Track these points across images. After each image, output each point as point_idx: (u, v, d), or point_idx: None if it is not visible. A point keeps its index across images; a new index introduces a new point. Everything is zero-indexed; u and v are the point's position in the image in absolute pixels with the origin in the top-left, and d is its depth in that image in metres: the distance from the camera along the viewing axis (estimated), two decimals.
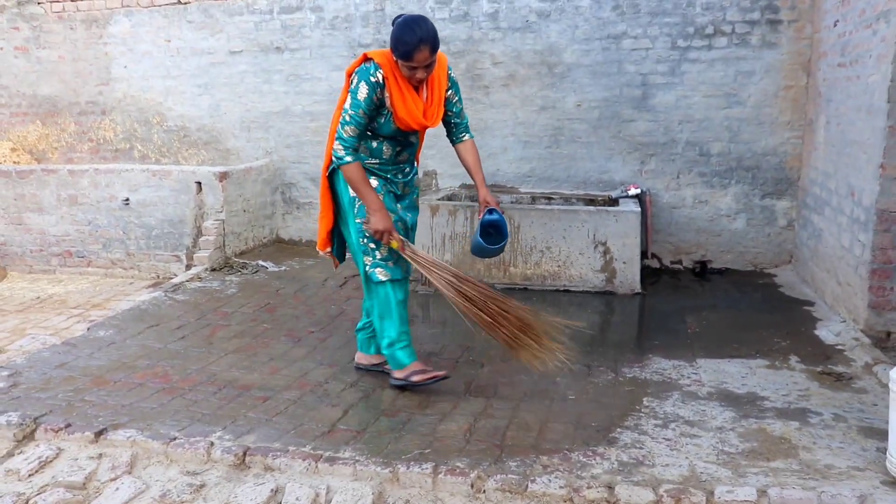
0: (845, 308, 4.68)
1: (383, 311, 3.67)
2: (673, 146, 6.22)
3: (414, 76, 3.42)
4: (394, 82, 3.44)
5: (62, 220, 6.83)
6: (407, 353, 3.69)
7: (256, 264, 6.41)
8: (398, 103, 3.46)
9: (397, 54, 3.37)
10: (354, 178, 3.47)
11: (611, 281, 5.49)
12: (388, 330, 3.67)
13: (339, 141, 3.46)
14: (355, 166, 3.47)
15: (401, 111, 3.47)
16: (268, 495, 2.84)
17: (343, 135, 3.45)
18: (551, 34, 6.32)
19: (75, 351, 4.30)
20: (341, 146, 3.46)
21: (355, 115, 3.44)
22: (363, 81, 3.42)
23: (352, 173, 3.47)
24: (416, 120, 3.52)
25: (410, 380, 3.63)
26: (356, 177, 3.47)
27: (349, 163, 3.46)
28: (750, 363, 4.06)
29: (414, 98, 3.50)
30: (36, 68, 7.81)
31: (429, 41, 3.32)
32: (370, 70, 3.43)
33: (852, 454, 2.99)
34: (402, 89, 3.46)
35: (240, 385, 3.80)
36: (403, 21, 3.38)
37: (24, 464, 3.10)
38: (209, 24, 7.19)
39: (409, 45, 3.30)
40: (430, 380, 3.62)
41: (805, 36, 5.81)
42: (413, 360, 3.69)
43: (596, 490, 2.73)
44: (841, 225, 4.85)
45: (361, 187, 3.48)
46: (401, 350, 3.67)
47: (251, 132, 7.28)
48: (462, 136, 3.82)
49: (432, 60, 3.40)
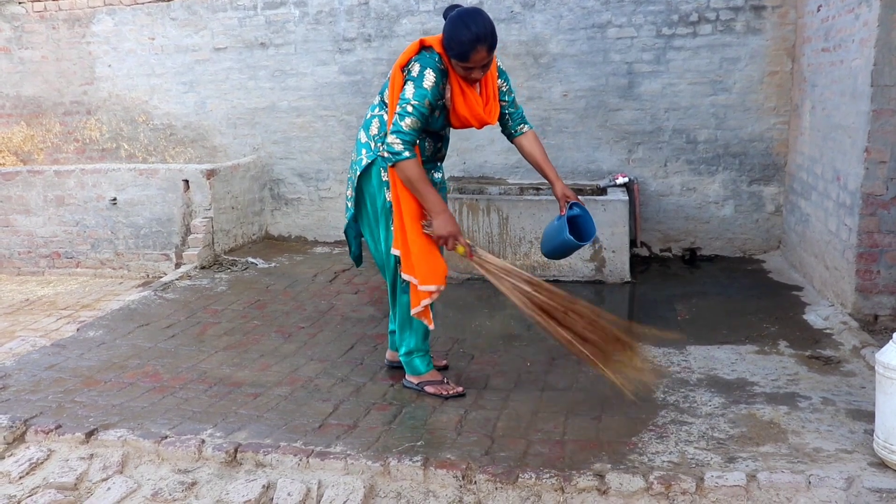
0: (833, 292, 4.71)
1: (405, 321, 3.54)
2: (660, 134, 6.23)
3: (469, 76, 3.16)
4: (454, 76, 3.18)
5: (49, 221, 6.80)
6: (425, 362, 3.60)
7: (246, 261, 6.40)
8: (458, 100, 3.21)
9: (451, 53, 3.11)
10: (414, 176, 3.11)
11: (600, 270, 5.51)
12: (408, 339, 3.57)
13: (398, 135, 3.09)
14: (415, 163, 3.11)
15: (461, 109, 3.23)
16: (259, 491, 2.85)
17: (402, 127, 3.09)
18: (536, 24, 6.32)
19: (65, 352, 4.29)
20: (399, 140, 3.09)
21: (419, 106, 3.10)
22: (430, 69, 3.11)
23: (411, 171, 3.10)
24: (478, 117, 3.27)
25: (424, 388, 3.56)
26: (416, 175, 3.11)
27: (408, 158, 3.10)
28: (739, 349, 4.08)
29: (475, 94, 3.24)
30: (19, 69, 7.75)
31: (486, 40, 3.05)
32: (435, 58, 3.14)
33: (840, 437, 3.02)
34: (462, 85, 3.20)
35: (230, 382, 3.80)
36: (458, 16, 3.10)
37: (14, 466, 3.10)
38: (193, 21, 7.15)
39: (465, 44, 3.04)
40: (443, 394, 3.51)
41: (789, 21, 5.82)
42: (430, 369, 3.61)
43: (586, 478, 2.74)
44: (827, 209, 4.87)
45: (422, 186, 3.13)
46: (419, 359, 3.59)
47: (237, 129, 7.26)
48: (521, 129, 3.52)
49: (490, 59, 3.13)
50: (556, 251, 3.44)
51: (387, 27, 6.64)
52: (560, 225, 3.33)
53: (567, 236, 3.27)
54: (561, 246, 3.37)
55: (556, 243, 3.38)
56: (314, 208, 7.17)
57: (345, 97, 6.82)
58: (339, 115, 6.89)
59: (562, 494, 2.73)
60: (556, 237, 3.36)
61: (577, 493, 2.72)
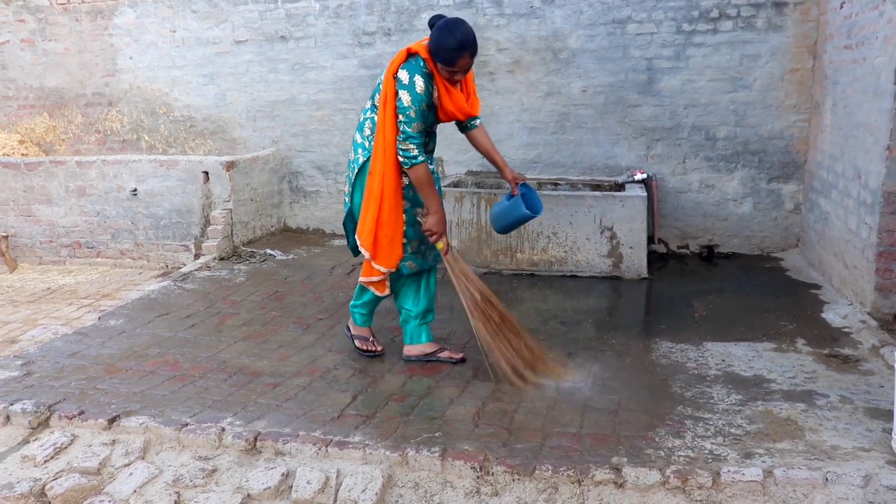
0: (852, 291, 4.68)
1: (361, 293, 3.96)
2: (679, 131, 6.22)
3: (453, 79, 3.51)
4: (439, 77, 3.51)
5: (71, 211, 6.88)
6: (363, 319, 4.04)
7: (264, 253, 6.44)
8: (445, 98, 3.53)
9: (438, 59, 3.43)
10: (425, 179, 3.53)
11: (617, 266, 5.51)
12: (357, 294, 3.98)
13: (410, 140, 3.47)
14: (426, 166, 3.54)
15: (448, 104, 3.55)
16: (279, 479, 2.88)
17: (412, 132, 3.47)
18: (556, 19, 6.31)
19: (87, 340, 4.35)
20: (413, 145, 3.48)
21: (419, 110, 3.46)
22: (417, 75, 3.44)
23: (421, 174, 3.52)
24: (463, 110, 3.61)
25: (353, 340, 4.07)
26: (426, 177, 3.53)
27: (422, 162, 3.51)
28: (757, 346, 4.08)
29: (458, 91, 3.59)
30: (42, 60, 7.84)
31: (470, 47, 3.40)
32: (420, 63, 3.47)
33: (858, 435, 3.01)
34: (446, 84, 3.53)
35: (250, 372, 3.84)
36: (445, 25, 3.42)
37: (39, 450, 3.15)
38: (214, 14, 7.20)
39: (452, 51, 3.38)
40: (368, 351, 4.01)
41: (811, 18, 5.78)
42: (366, 326, 4.07)
43: (603, 471, 2.76)
44: (848, 208, 4.84)
45: (429, 188, 3.55)
46: (359, 315, 4.03)
47: (257, 121, 7.30)
48: (474, 122, 3.84)
49: (471, 64, 3.49)
50: (512, 226, 3.90)
51: (406, 21, 6.66)
52: (515, 202, 3.78)
53: (524, 210, 3.72)
54: (518, 220, 3.83)
55: (513, 218, 3.82)
56: (332, 201, 7.21)
57: (364, 91, 6.84)
58: (358, 108, 6.90)
59: (578, 487, 2.75)
60: (513, 213, 3.79)
61: (593, 486, 2.74)
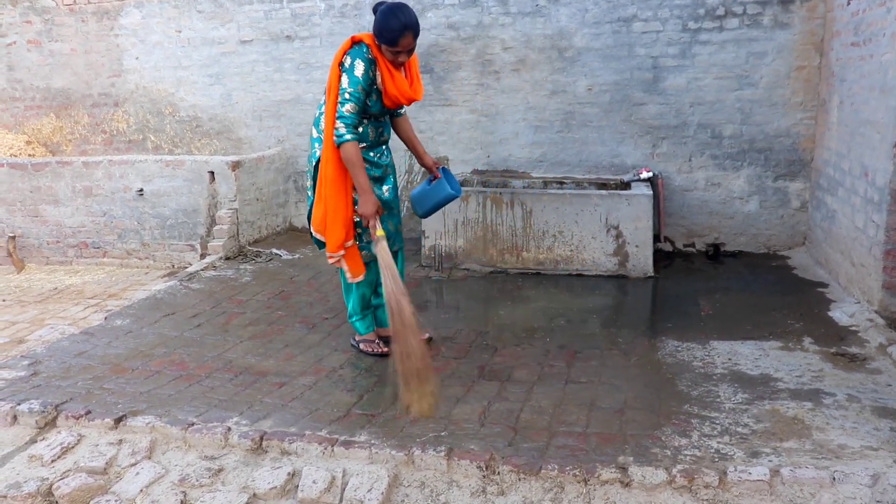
0: (859, 289, 4.66)
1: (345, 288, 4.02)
2: (685, 129, 6.20)
3: (397, 60, 3.62)
4: (382, 63, 3.63)
5: (77, 211, 6.90)
6: (364, 324, 4.06)
7: (270, 252, 6.45)
8: (388, 81, 3.64)
9: (382, 40, 3.56)
10: (352, 157, 3.57)
11: (623, 265, 5.50)
12: (349, 304, 4.04)
13: (340, 119, 3.57)
14: (354, 145, 3.58)
15: (391, 89, 3.65)
16: (285, 478, 2.89)
17: (344, 112, 3.57)
18: (561, 18, 6.30)
19: (93, 340, 4.36)
20: (342, 124, 3.56)
21: (355, 92, 3.56)
22: (359, 59, 3.58)
23: (350, 152, 3.56)
24: (405, 94, 3.71)
25: (360, 346, 4.07)
26: (353, 156, 3.57)
27: (349, 140, 3.56)
28: (763, 345, 4.06)
29: (401, 76, 3.70)
30: (49, 61, 7.86)
31: (412, 28, 3.54)
32: (363, 49, 3.60)
33: (866, 434, 3.00)
34: (390, 69, 3.64)
35: (256, 371, 3.85)
36: (388, 8, 3.57)
37: (46, 450, 3.16)
38: (219, 14, 7.21)
39: (395, 31, 3.51)
40: (374, 353, 4.00)
41: (818, 15, 5.76)
42: (369, 331, 4.08)
43: (609, 471, 2.75)
44: (854, 206, 4.82)
45: (356, 168, 3.59)
46: (359, 322, 4.06)
47: (263, 121, 7.31)
48: (401, 111, 4.00)
49: (414, 45, 3.62)
50: (436, 207, 4.04)
51: None
52: (439, 184, 3.96)
53: (449, 191, 3.92)
54: (443, 201, 3.98)
55: (438, 200, 3.98)
56: None
57: None
58: None
59: (584, 486, 2.74)
60: (438, 194, 3.97)
61: (599, 486, 2.73)
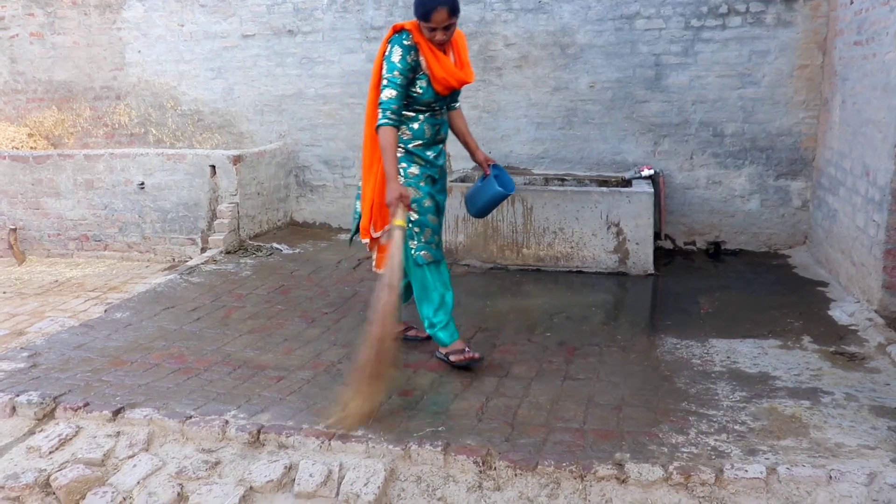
0: (859, 289, 4.66)
1: (420, 295, 3.78)
2: (686, 127, 6.19)
3: (434, 38, 3.54)
4: (426, 46, 3.57)
5: (79, 204, 6.90)
6: (448, 333, 3.77)
7: (271, 247, 6.46)
8: (433, 64, 3.58)
9: (417, 14, 3.52)
10: (386, 142, 3.51)
11: (623, 262, 5.49)
12: (424, 311, 3.78)
13: (381, 105, 3.55)
14: (391, 130, 3.53)
15: (437, 71, 3.58)
16: (282, 472, 2.89)
17: (383, 98, 3.54)
18: (564, 15, 6.29)
19: (93, 332, 4.36)
20: (381, 109, 3.54)
21: (392, 78, 3.53)
22: (396, 45, 3.55)
23: (385, 137, 3.51)
24: (454, 76, 3.64)
25: (449, 358, 3.75)
26: (388, 141, 3.51)
27: (385, 125, 3.52)
28: (762, 343, 4.06)
29: (447, 58, 3.65)
30: (51, 54, 7.86)
31: (447, 3, 3.47)
32: (402, 36, 3.57)
33: (863, 433, 3.00)
34: (433, 50, 3.58)
35: (254, 365, 3.85)
36: None
37: (44, 441, 3.17)
38: (222, 8, 7.20)
39: (428, 5, 3.46)
40: (465, 361, 3.69)
41: (821, 14, 5.74)
42: (454, 339, 3.77)
43: (606, 467, 2.75)
44: (855, 205, 4.82)
45: (389, 154, 3.51)
46: (441, 331, 3.76)
47: (264, 115, 7.31)
48: (455, 105, 3.95)
49: (451, 23, 3.52)
50: (487, 206, 3.98)
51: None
52: (488, 182, 3.90)
53: (497, 188, 3.83)
54: (493, 199, 3.91)
55: (488, 197, 3.91)
56: (339, 195, 7.21)
57: None
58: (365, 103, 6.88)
59: (581, 482, 2.74)
60: (488, 192, 3.90)
61: (596, 482, 2.74)
